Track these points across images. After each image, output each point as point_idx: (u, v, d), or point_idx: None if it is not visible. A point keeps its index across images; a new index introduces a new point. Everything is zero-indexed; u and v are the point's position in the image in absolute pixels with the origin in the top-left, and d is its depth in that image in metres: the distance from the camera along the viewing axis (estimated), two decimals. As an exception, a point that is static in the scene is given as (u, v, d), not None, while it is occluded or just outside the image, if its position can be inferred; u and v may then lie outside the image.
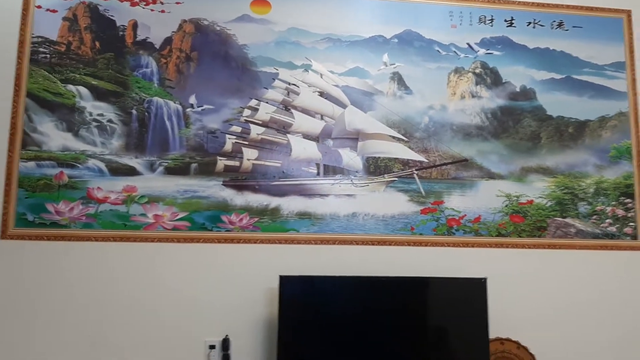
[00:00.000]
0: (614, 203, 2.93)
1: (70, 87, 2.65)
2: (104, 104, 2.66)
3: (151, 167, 2.65)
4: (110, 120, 2.65)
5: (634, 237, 2.91)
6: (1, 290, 2.47)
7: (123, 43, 2.72)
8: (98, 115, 2.65)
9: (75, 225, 2.56)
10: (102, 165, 2.62)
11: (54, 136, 2.60)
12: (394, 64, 2.90)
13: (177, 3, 2.77)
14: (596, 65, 3.05)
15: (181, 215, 2.63)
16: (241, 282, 2.62)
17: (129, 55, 2.72)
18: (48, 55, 2.65)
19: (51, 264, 2.52)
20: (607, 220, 2.91)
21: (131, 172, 2.63)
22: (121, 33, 2.72)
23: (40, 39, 2.65)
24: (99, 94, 2.66)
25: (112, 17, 2.73)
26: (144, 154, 2.65)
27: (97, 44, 2.70)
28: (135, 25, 2.74)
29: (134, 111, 2.68)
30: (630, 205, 2.93)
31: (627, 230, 2.91)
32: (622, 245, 2.90)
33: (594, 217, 2.91)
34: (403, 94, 2.89)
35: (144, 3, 2.75)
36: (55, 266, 2.52)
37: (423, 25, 2.95)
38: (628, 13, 3.11)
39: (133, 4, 2.74)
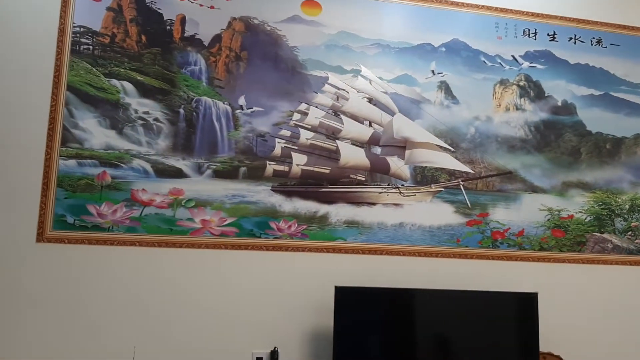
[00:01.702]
0: (647, 220, 3.00)
1: (115, 81, 2.50)
2: (150, 101, 2.52)
3: (199, 170, 2.53)
4: (156, 119, 2.52)
5: (666, 254, 2.98)
6: (39, 297, 2.31)
7: (170, 38, 2.59)
8: (144, 113, 2.51)
9: (118, 229, 2.41)
10: (148, 166, 2.48)
11: (96, 133, 2.45)
12: (442, 73, 2.87)
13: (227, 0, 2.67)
14: (632, 84, 3.11)
15: (229, 220, 2.52)
16: (289, 292, 2.54)
17: (177, 52, 2.59)
18: (91, 47, 2.50)
19: (92, 269, 2.37)
20: (641, 237, 2.97)
21: (178, 174, 2.51)
22: (168, 27, 2.59)
23: (82, 29, 2.49)
24: (144, 91, 2.52)
25: (159, 10, 2.59)
26: (192, 156, 2.53)
27: (144, 37, 2.56)
28: (183, 20, 2.61)
29: (181, 110, 2.55)
30: (662, 222, 3.01)
31: (659, 246, 2.98)
32: (655, 261, 2.96)
33: (629, 233, 2.96)
34: (450, 104, 2.86)
35: (193, -3, 2.63)
36: (97, 271, 2.38)
37: (470, 35, 2.93)
38: (661, 33, 3.19)
39: (182, -2, 2.62)
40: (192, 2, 2.63)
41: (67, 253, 2.36)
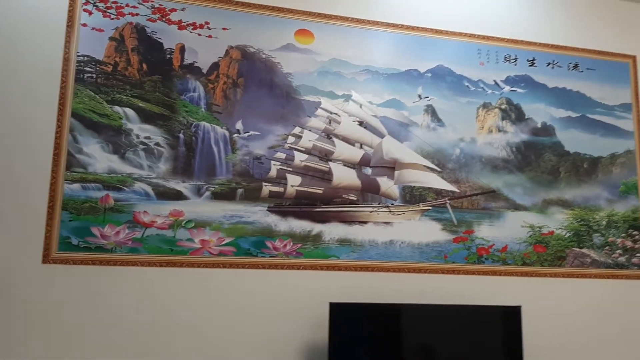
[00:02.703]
0: (623, 235, 3.15)
1: (117, 108, 2.61)
2: (151, 126, 2.64)
3: (198, 192, 2.64)
4: (157, 144, 2.63)
5: (641, 267, 3.14)
6: (44, 316, 2.40)
7: (170, 66, 2.71)
8: (145, 138, 2.62)
9: (121, 250, 2.51)
10: (149, 189, 2.59)
11: (100, 158, 2.55)
12: (428, 97, 3.02)
13: (224, 29, 2.79)
14: (607, 106, 3.28)
15: (227, 240, 2.63)
16: (285, 309, 2.65)
17: (176, 79, 2.71)
18: (94, 75, 2.61)
19: (96, 289, 2.46)
20: (618, 251, 3.12)
21: (178, 196, 2.61)
22: (168, 56, 2.71)
23: (86, 58, 2.60)
24: (146, 117, 2.63)
25: (159, 40, 2.71)
26: (191, 179, 2.64)
27: (145, 65, 2.67)
28: (182, 49, 2.73)
29: (181, 135, 2.67)
30: (637, 237, 3.16)
31: (635, 260, 3.13)
32: (631, 274, 3.11)
33: (606, 247, 3.12)
34: (436, 126, 3.01)
35: (192, 27, 2.75)
36: (100, 291, 2.47)
37: (454, 61, 3.09)
38: (634, 58, 3.37)
39: (181, 28, 2.74)
40: (191, 32, 2.75)
41: (72, 274, 2.45)
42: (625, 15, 3.45)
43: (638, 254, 3.14)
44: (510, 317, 2.68)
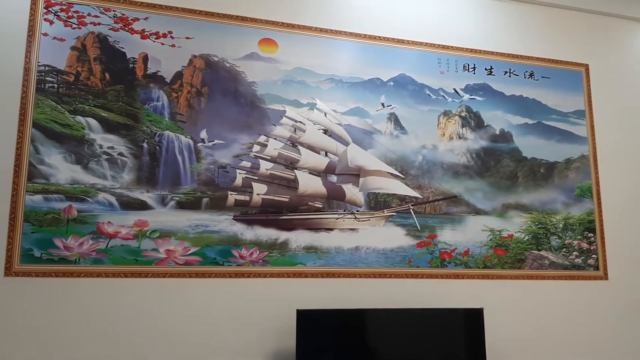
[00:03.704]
0: (579, 237, 3.27)
1: (79, 118, 2.58)
2: (115, 136, 2.62)
3: (163, 202, 2.63)
4: (120, 154, 2.61)
5: (596, 268, 3.25)
6: (6, 330, 2.35)
7: (133, 75, 2.70)
8: (108, 148, 2.60)
9: (84, 261, 2.48)
10: (113, 199, 2.57)
11: (62, 169, 2.52)
12: (391, 105, 3.08)
13: (188, 38, 2.80)
14: (562, 113, 3.41)
15: (193, 250, 2.63)
16: (252, 317, 2.65)
17: (140, 88, 2.70)
18: (55, 85, 2.58)
19: (60, 302, 2.43)
20: (574, 253, 3.24)
21: (142, 206, 2.60)
22: (131, 65, 2.70)
23: (47, 68, 2.57)
24: (109, 127, 2.62)
25: (122, 49, 2.70)
26: (156, 188, 2.63)
27: (107, 75, 2.65)
28: (145, 58, 2.72)
29: (145, 144, 2.66)
30: (592, 239, 3.28)
31: (591, 261, 3.25)
32: (587, 275, 3.23)
33: (564, 250, 3.23)
34: (399, 134, 3.07)
35: (155, 37, 2.75)
36: (64, 304, 2.43)
37: (415, 70, 3.17)
38: (586, 67, 3.51)
39: (144, 37, 2.73)
40: (154, 41, 2.75)
41: (35, 286, 2.41)
42: (578, 25, 3.59)
43: (594, 256, 3.26)
44: (472, 318, 2.75)
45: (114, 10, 2.72)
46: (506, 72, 3.35)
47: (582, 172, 3.36)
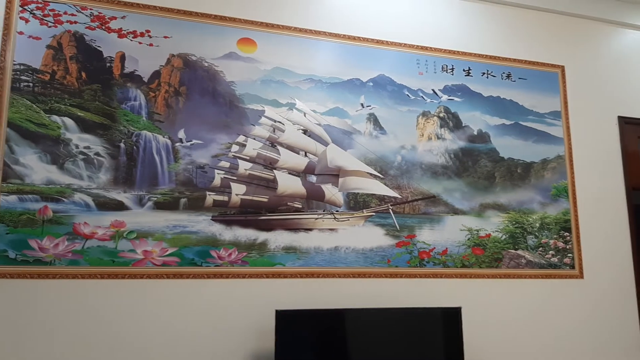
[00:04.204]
0: (555, 236, 3.31)
1: (55, 118, 2.55)
2: (91, 136, 2.59)
3: (140, 202, 2.61)
4: (97, 154, 2.58)
5: (572, 267, 3.30)
6: (-21, 334, 2.31)
7: (110, 75, 2.67)
8: (85, 147, 2.57)
9: (60, 262, 2.45)
10: (89, 200, 2.54)
11: (37, 169, 2.48)
12: (370, 106, 3.09)
13: (165, 37, 2.78)
14: (538, 113, 3.45)
15: (170, 250, 2.61)
16: (231, 318, 2.64)
17: (117, 88, 2.67)
18: (31, 84, 2.54)
19: (35, 304, 2.39)
20: (550, 252, 3.28)
21: (119, 207, 2.57)
22: (108, 65, 2.67)
23: (22, 67, 2.53)
24: (85, 126, 2.58)
25: (99, 48, 2.67)
26: (133, 189, 2.61)
27: (84, 74, 2.62)
28: (123, 58, 2.70)
29: (122, 144, 2.63)
30: (568, 238, 3.33)
31: (567, 260, 3.30)
32: (563, 274, 3.27)
33: (540, 249, 3.27)
34: (378, 134, 3.08)
35: (132, 35, 2.72)
36: (40, 306, 2.40)
37: (394, 71, 3.18)
38: (562, 68, 3.56)
39: (121, 36, 2.70)
40: (131, 40, 2.72)
41: (10, 288, 2.37)
42: (554, 27, 3.64)
43: (569, 255, 3.31)
44: (450, 317, 2.77)
45: (90, 9, 2.69)
46: (484, 73, 3.39)
47: (558, 172, 3.40)
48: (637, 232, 3.55)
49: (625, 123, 3.66)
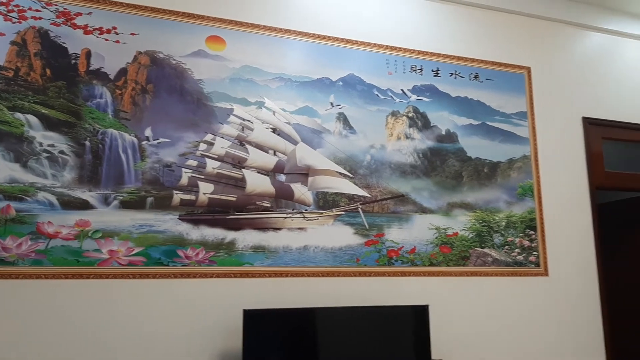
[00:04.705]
0: (521, 235, 3.37)
1: (19, 115, 2.50)
2: (55, 134, 2.54)
3: (105, 201, 2.57)
4: (62, 152, 2.54)
5: (537, 265, 3.36)
6: (-63, 336, 2.26)
7: (76, 72, 2.63)
8: (49, 145, 2.52)
9: (23, 262, 2.40)
10: (53, 199, 2.49)
11: (0, 167, 2.43)
12: (340, 105, 3.10)
13: (132, 34, 2.74)
14: (505, 114, 3.50)
15: (137, 250, 2.58)
16: (199, 318, 2.62)
17: (82, 85, 2.63)
18: (-8, 80, 2.49)
19: (-5, 305, 2.35)
20: (516, 250, 3.34)
21: (84, 206, 2.54)
22: (74, 61, 2.63)
23: (-17, 63, 2.48)
24: (49, 124, 2.54)
25: (64, 45, 2.62)
26: (98, 187, 2.57)
27: (48, 71, 2.58)
28: (88, 54, 2.66)
29: (87, 142, 2.59)
30: (533, 236, 3.39)
31: (532, 258, 3.36)
32: (528, 272, 3.33)
33: (506, 247, 3.32)
34: (348, 133, 3.10)
35: (98, 32, 2.68)
36: (2, 306, 2.35)
37: (364, 71, 3.20)
38: (528, 70, 3.62)
39: (87, 32, 2.66)
40: (97, 37, 2.68)
41: (-31, 289, 2.33)
42: (521, 29, 3.70)
43: (535, 253, 3.37)
44: (418, 315, 2.79)
45: (55, 5, 2.65)
46: (452, 73, 3.42)
47: (523, 171, 3.46)
48: (600, 230, 3.63)
49: (589, 124, 3.74)
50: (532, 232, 3.40)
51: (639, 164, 3.95)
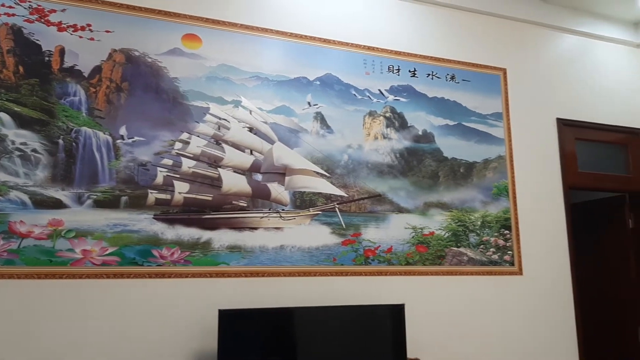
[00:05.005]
0: (496, 234, 3.41)
1: (-11, 112, 2.46)
2: (28, 132, 2.50)
3: (79, 200, 2.54)
4: (34, 150, 2.50)
5: (512, 264, 3.40)
6: None
7: (49, 69, 2.59)
8: (21, 144, 2.48)
9: (-7, 263, 2.37)
10: (26, 198, 2.45)
11: (-31, 165, 2.40)
12: (317, 105, 3.11)
13: (107, 32, 2.71)
14: (480, 115, 3.54)
15: (111, 250, 2.55)
16: (174, 318, 2.61)
17: (56, 82, 2.59)
18: (-38, 77, 2.44)
19: (-35, 306, 2.31)
20: (491, 249, 3.37)
21: (57, 205, 2.50)
22: (47, 59, 2.59)
23: (-48, 59, 2.43)
24: (22, 122, 2.50)
25: (37, 42, 2.59)
26: (72, 186, 2.54)
27: (21, 68, 2.54)
28: (62, 52, 2.62)
29: (60, 141, 2.55)
30: (508, 236, 3.43)
31: (507, 257, 3.40)
32: (503, 271, 3.37)
33: (481, 246, 3.36)
34: (325, 133, 3.10)
35: (72, 29, 2.65)
36: (-30, 308, 2.31)
37: (341, 70, 3.20)
38: (504, 71, 3.66)
39: (60, 30, 2.63)
40: (71, 34, 2.65)
41: (-63, 290, 2.28)
42: (497, 31, 3.74)
43: (509, 252, 3.41)
44: (394, 314, 2.80)
45: (29, 1, 2.61)
46: (429, 74, 3.45)
47: (499, 171, 3.50)
48: (574, 230, 3.69)
49: (563, 125, 3.80)
50: (507, 231, 3.44)
51: (611, 164, 4.02)
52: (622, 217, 4.06)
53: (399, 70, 3.36)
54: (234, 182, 2.85)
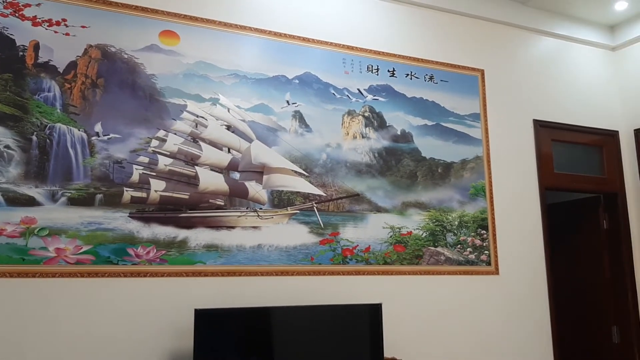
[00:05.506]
0: (473, 234, 3.43)
1: (-40, 107, 2.41)
2: (1, 128, 2.46)
3: (53, 198, 2.50)
4: (7, 146, 2.45)
5: (488, 264, 3.43)
6: None
7: (23, 64, 2.54)
8: (-8, 140, 2.44)
9: (-37, 261, 2.31)
10: (-3, 195, 2.41)
11: (-62, 161, 2.34)
12: (296, 103, 3.10)
13: (83, 27, 2.67)
14: (458, 115, 3.56)
15: (85, 248, 2.52)
16: (149, 318, 2.58)
17: (30, 78, 2.54)
18: None
19: None
20: (468, 249, 3.39)
21: (30, 202, 2.46)
22: (21, 53, 2.54)
23: None
24: (-7, 117, 2.45)
25: (11, 36, 2.54)
26: (45, 184, 2.49)
27: (-7, 63, 2.49)
28: (37, 47, 2.57)
29: (34, 137, 2.51)
30: (485, 236, 3.46)
31: (483, 257, 3.43)
32: (480, 270, 3.40)
33: (458, 246, 3.38)
34: (304, 132, 3.09)
35: (47, 24, 2.60)
36: (-62, 307, 2.26)
37: (320, 69, 3.20)
38: (482, 72, 3.69)
39: (35, 24, 2.58)
40: (46, 29, 2.60)
41: None
42: (475, 32, 3.77)
43: (486, 252, 3.44)
44: (372, 313, 2.81)
45: (1, -6, 2.56)
46: (408, 74, 3.46)
47: (476, 172, 3.53)
48: (550, 230, 3.73)
49: (540, 126, 3.84)
50: (484, 231, 3.47)
51: (586, 165, 4.07)
52: (596, 218, 4.12)
53: (378, 70, 3.37)
54: (211, 181, 2.83)
